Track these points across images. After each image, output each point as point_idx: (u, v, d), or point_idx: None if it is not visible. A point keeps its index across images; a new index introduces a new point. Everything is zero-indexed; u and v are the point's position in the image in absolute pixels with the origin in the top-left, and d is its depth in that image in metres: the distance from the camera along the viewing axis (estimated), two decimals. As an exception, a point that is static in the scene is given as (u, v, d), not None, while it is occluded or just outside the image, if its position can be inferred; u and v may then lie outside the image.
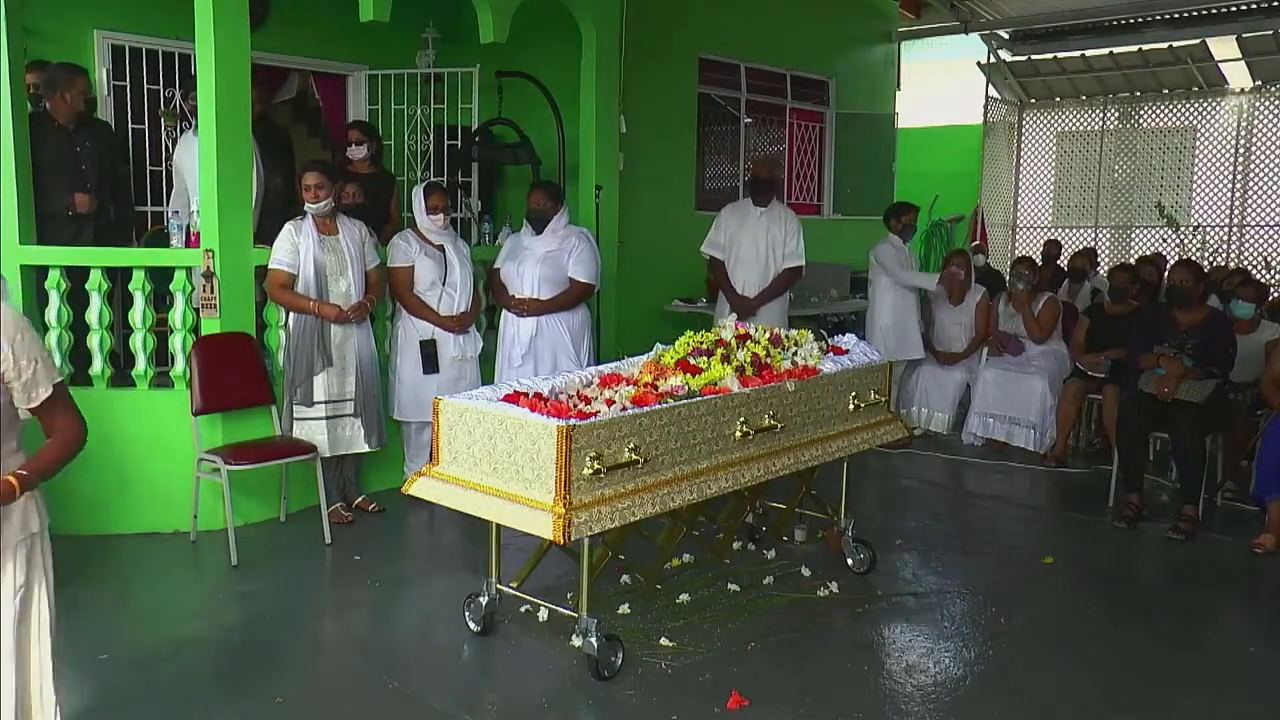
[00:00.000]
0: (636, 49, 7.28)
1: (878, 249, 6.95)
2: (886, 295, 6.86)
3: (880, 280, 6.89)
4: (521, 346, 5.38)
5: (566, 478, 3.07)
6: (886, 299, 6.87)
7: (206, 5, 4.69)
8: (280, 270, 4.79)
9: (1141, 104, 11.30)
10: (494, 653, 3.67)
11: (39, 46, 5.70)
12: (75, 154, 5.16)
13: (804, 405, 3.95)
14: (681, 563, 4.39)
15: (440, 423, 3.43)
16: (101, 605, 4.08)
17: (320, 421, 4.84)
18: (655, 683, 3.37)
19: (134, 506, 4.81)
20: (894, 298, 6.86)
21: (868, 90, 10.48)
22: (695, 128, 8.70)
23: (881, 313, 6.89)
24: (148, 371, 4.88)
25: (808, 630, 3.84)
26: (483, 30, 5.79)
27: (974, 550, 4.83)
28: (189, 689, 3.37)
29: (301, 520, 5.02)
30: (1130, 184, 11.34)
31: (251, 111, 4.94)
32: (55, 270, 4.87)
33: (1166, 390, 5.08)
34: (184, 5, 4.75)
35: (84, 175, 5.17)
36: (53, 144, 5.06)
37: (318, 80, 7.74)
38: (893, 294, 6.85)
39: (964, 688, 3.45)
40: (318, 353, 4.81)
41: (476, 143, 7.16)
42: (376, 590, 4.25)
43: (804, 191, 10.11)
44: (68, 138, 5.12)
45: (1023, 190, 12.11)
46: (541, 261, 5.37)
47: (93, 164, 5.22)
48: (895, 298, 6.86)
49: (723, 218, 6.32)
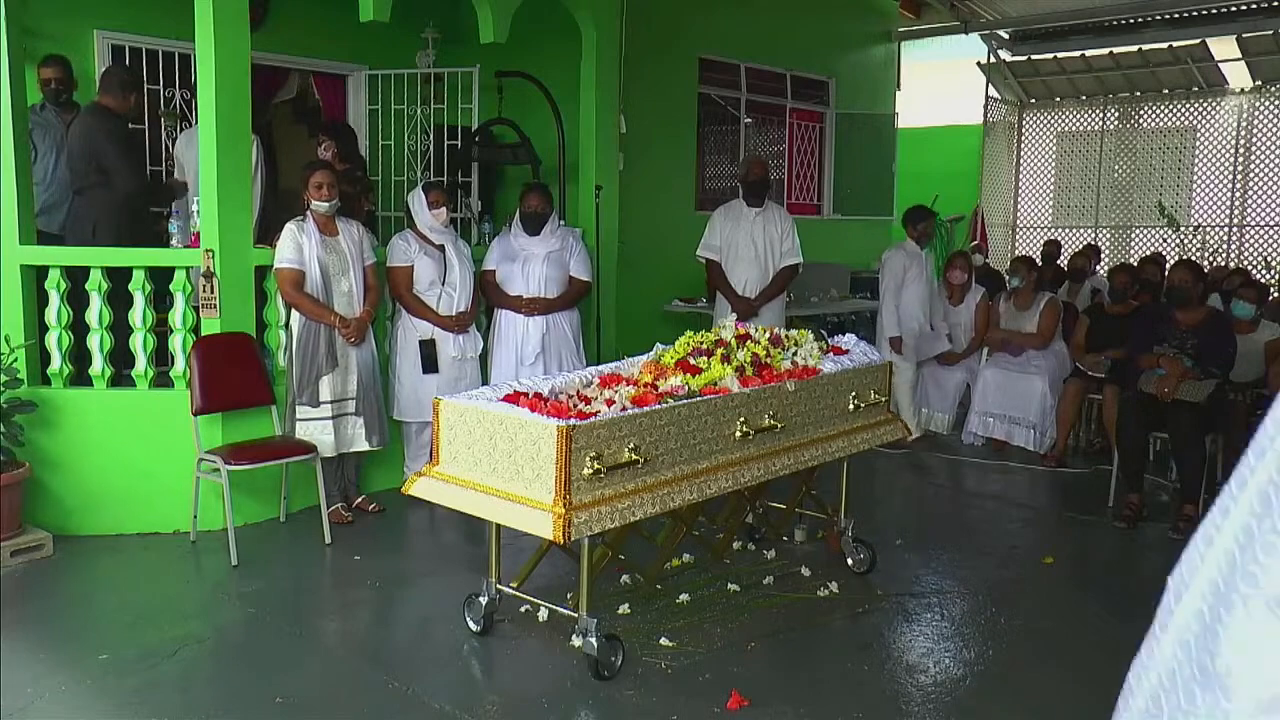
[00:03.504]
0: (636, 49, 7.28)
1: (887, 255, 6.83)
2: (904, 297, 6.65)
3: (889, 284, 6.71)
4: (534, 345, 5.42)
5: (566, 478, 3.07)
6: (903, 300, 6.66)
7: (206, 5, 4.69)
8: (292, 269, 4.79)
9: (1141, 104, 11.30)
10: (494, 653, 3.67)
11: (39, 46, 5.70)
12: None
13: (804, 405, 3.95)
14: (681, 563, 4.39)
15: (440, 423, 3.43)
16: (101, 605, 4.08)
17: (326, 421, 4.85)
18: (655, 683, 3.37)
19: (134, 506, 4.81)
20: (909, 298, 6.65)
21: (868, 90, 10.48)
22: (695, 128, 8.70)
23: (903, 316, 6.66)
24: (148, 371, 4.88)
25: (808, 630, 3.84)
26: (483, 30, 5.79)
27: (974, 550, 4.83)
28: (189, 689, 3.37)
29: (301, 520, 5.02)
30: (1130, 184, 11.34)
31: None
32: (55, 270, 4.88)
33: (1166, 390, 5.08)
34: (184, 5, 4.75)
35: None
36: (128, 139, 5.43)
37: (318, 80, 7.74)
38: (908, 293, 6.65)
39: (964, 688, 3.45)
40: (326, 355, 4.81)
41: (476, 143, 7.16)
42: (376, 590, 4.25)
43: (804, 191, 10.11)
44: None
45: (1023, 190, 12.11)
46: (545, 261, 5.44)
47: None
48: (909, 298, 6.65)
49: (716, 220, 6.31)
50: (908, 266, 6.66)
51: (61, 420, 4.76)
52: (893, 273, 6.67)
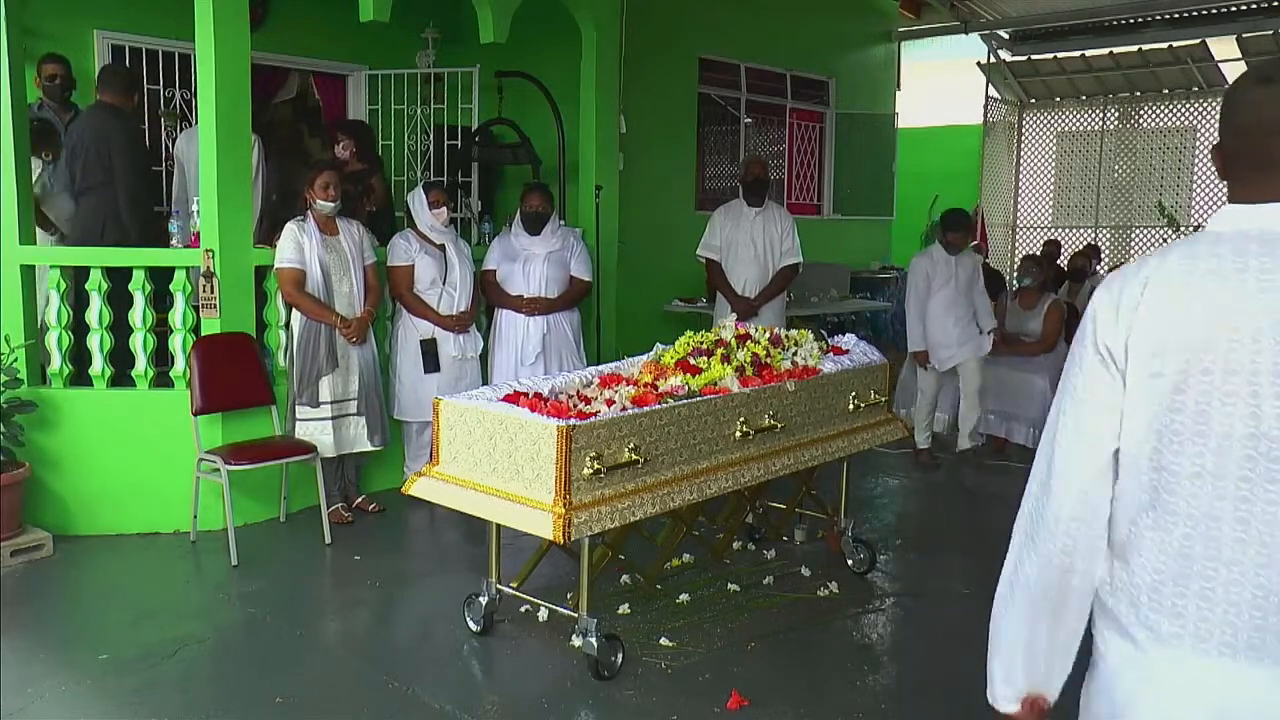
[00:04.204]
0: (636, 49, 7.28)
1: (912, 262, 6.48)
2: (930, 306, 6.24)
3: (911, 294, 6.32)
4: (535, 345, 5.43)
5: (566, 478, 3.07)
6: (935, 306, 6.22)
7: (206, 5, 4.69)
8: (293, 268, 4.78)
9: (1141, 104, 11.29)
10: (494, 653, 3.67)
11: (39, 46, 5.70)
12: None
13: (804, 405, 3.95)
14: (681, 563, 4.39)
15: (440, 423, 3.43)
16: (101, 605, 4.08)
17: (326, 422, 4.85)
18: (655, 683, 3.37)
19: (134, 506, 4.81)
20: (935, 307, 6.21)
21: (868, 90, 10.48)
22: (695, 128, 8.69)
23: (930, 327, 6.25)
24: (148, 371, 4.88)
25: (808, 630, 3.84)
26: (483, 30, 5.79)
27: (974, 550, 4.83)
28: (189, 689, 3.37)
29: (301, 520, 5.02)
30: (1130, 184, 11.33)
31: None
32: (54, 270, 4.88)
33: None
34: (184, 5, 4.75)
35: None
36: (139, 136, 5.53)
37: (318, 80, 7.74)
38: (935, 302, 6.20)
39: (964, 688, 3.44)
40: (326, 356, 4.81)
41: (476, 143, 7.16)
42: (376, 590, 4.25)
43: (804, 191, 10.10)
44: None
45: (1023, 190, 12.10)
46: (547, 261, 5.44)
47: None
48: (936, 307, 6.21)
49: (716, 220, 6.31)
50: (932, 274, 6.20)
51: (61, 420, 4.76)
52: (915, 282, 6.29)
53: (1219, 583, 1.34)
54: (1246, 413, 1.31)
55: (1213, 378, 1.33)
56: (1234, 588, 1.33)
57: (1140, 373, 1.37)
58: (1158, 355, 1.36)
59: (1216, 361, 1.32)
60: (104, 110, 5.18)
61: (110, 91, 5.24)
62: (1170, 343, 1.35)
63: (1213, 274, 1.34)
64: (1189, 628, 1.36)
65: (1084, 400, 1.45)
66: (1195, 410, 1.34)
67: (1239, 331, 1.31)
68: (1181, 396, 1.35)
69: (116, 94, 5.24)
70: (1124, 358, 1.39)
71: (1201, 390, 1.33)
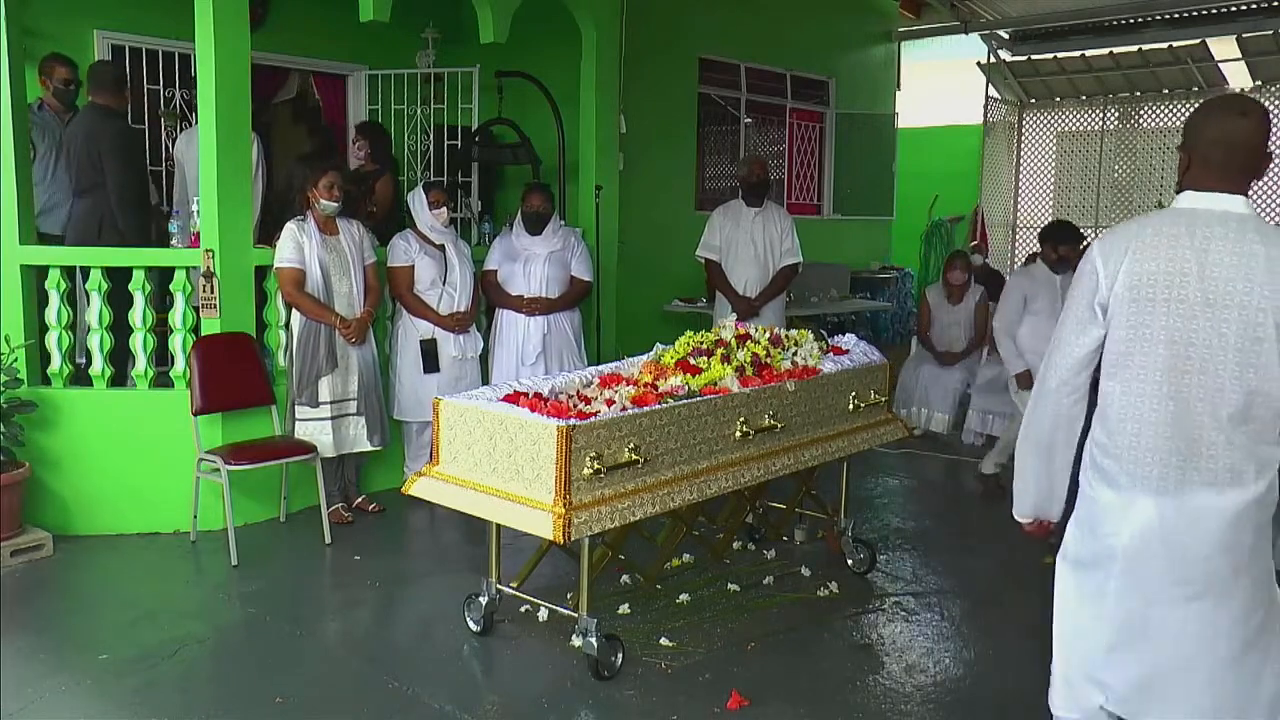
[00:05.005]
0: (636, 49, 7.28)
1: (1012, 280, 5.75)
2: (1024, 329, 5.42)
3: (1003, 318, 5.52)
4: (535, 345, 5.43)
5: (566, 478, 3.07)
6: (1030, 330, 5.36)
7: (206, 5, 4.69)
8: (293, 268, 4.78)
9: (1141, 104, 11.28)
10: (494, 653, 3.67)
11: (39, 46, 5.70)
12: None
13: (804, 405, 3.95)
14: (681, 563, 4.39)
15: (440, 423, 3.43)
16: (101, 605, 4.08)
17: (325, 422, 4.84)
18: (655, 683, 3.38)
19: (134, 506, 4.81)
20: (1029, 332, 5.37)
21: (868, 90, 10.48)
22: (695, 128, 8.69)
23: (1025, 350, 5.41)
24: (148, 371, 4.88)
25: (808, 630, 3.84)
26: (483, 30, 5.79)
27: (974, 550, 4.83)
28: (189, 689, 3.37)
29: (301, 520, 5.02)
30: (1130, 184, 11.33)
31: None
32: (55, 270, 4.88)
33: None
34: (184, 5, 4.75)
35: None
36: (133, 137, 5.47)
37: (318, 80, 7.74)
38: (1029, 326, 5.37)
39: (964, 688, 3.45)
40: (326, 356, 4.81)
41: (476, 143, 7.16)
42: (376, 590, 4.25)
43: (804, 191, 10.10)
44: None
45: (1023, 190, 12.09)
46: (547, 261, 5.45)
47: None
48: (1030, 332, 5.36)
49: (715, 220, 6.30)
50: (1031, 296, 5.41)
51: (61, 420, 4.76)
52: (1009, 305, 5.48)
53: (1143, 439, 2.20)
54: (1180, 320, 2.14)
55: (1169, 300, 2.14)
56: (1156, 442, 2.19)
57: (1124, 297, 2.18)
58: (1135, 287, 2.17)
59: (1171, 290, 2.14)
60: (95, 111, 5.16)
61: (101, 91, 5.20)
62: (1143, 278, 2.16)
63: (1172, 238, 2.16)
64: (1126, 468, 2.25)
65: (1078, 318, 2.26)
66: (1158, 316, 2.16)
67: (1185, 276, 2.13)
68: (1151, 307, 2.16)
69: (107, 92, 5.20)
70: (1110, 288, 2.20)
71: (1161, 306, 2.15)
